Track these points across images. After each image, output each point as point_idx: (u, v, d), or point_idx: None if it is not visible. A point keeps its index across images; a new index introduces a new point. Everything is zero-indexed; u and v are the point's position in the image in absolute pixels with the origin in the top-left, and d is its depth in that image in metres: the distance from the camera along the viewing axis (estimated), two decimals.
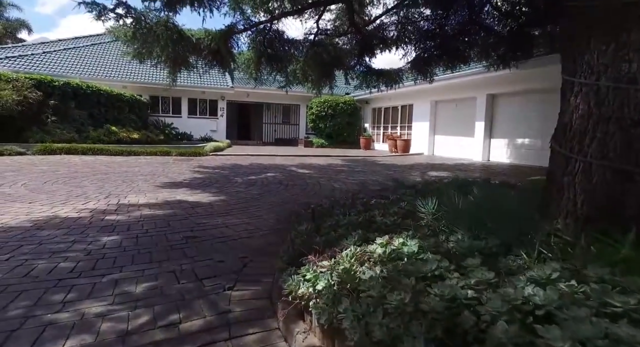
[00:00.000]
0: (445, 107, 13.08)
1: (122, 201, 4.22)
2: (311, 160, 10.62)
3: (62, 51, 16.57)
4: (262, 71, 7.95)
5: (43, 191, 4.63)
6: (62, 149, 9.52)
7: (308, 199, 4.67)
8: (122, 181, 5.77)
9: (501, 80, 9.79)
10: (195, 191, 5.03)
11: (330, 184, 6.03)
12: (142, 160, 9.07)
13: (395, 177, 7.09)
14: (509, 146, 10.38)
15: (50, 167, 6.94)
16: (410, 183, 4.23)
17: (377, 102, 17.01)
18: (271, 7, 6.92)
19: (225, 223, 3.35)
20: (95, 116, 12.38)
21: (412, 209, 2.28)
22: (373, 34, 7.96)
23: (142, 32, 6.09)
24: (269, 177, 6.83)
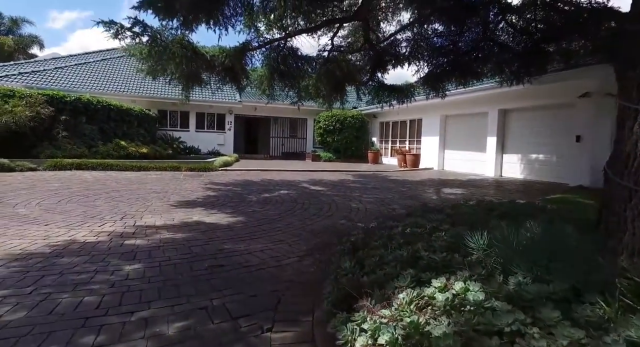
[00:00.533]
0: (455, 122, 13.01)
1: (139, 223, 4.12)
2: (321, 176, 10.52)
3: (73, 67, 16.78)
4: (275, 87, 7.94)
5: (58, 211, 4.54)
6: (72, 165, 9.49)
7: (327, 220, 4.55)
8: (135, 199, 5.69)
9: (513, 95, 9.72)
10: (211, 211, 4.93)
11: (346, 203, 5.91)
12: (153, 176, 9.01)
13: (409, 195, 6.98)
14: (521, 162, 10.25)
15: (62, 184, 6.88)
16: (438, 206, 4.11)
17: (385, 116, 16.99)
18: (285, 24, 6.95)
19: (249, 249, 3.23)
20: (105, 131, 12.41)
21: (454, 241, 2.16)
22: (385, 50, 7.96)
23: (157, 50, 6.10)
24: (283, 194, 6.72)
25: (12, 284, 2.30)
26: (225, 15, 6.06)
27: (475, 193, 7.51)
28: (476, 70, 8.21)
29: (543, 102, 9.26)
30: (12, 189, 6.11)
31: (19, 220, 4.01)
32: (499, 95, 10.07)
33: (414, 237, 2.33)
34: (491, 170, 11.02)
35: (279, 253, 3.15)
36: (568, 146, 8.65)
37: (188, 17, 5.51)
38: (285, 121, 19.70)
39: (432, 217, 3.19)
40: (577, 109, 8.33)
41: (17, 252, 2.92)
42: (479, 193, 7.53)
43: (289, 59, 7.39)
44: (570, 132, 8.53)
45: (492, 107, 10.78)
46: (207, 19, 5.79)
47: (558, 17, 6.28)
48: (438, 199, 6.67)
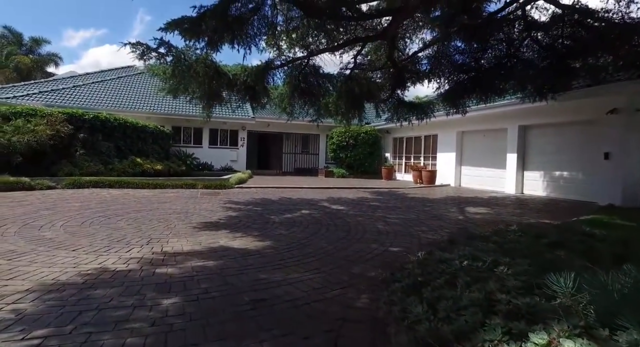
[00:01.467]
0: (472, 138, 12.84)
1: (166, 248, 3.99)
2: (339, 194, 10.37)
3: (91, 85, 17.09)
4: (295, 105, 7.91)
5: (83, 234, 4.44)
6: (90, 183, 9.49)
7: (359, 244, 4.37)
8: (157, 220, 5.59)
9: (534, 111, 9.56)
10: (237, 234, 4.79)
11: (373, 225, 5.73)
12: (170, 194, 8.95)
13: (434, 214, 6.76)
14: (544, 179, 10.00)
15: (82, 204, 6.82)
16: (481, 232, 3.91)
17: (399, 132, 16.90)
18: (307, 43, 6.94)
19: (287, 280, 3.06)
20: (121, 148, 12.47)
21: (526, 280, 1.98)
22: (406, 67, 7.91)
23: (180, 70, 6.11)
24: (305, 215, 6.57)
25: (50, 322, 2.17)
26: (248, 34, 6.07)
27: (502, 213, 7.28)
28: (498, 86, 8.11)
29: (567, 118, 9.08)
30: (35, 209, 6.06)
31: (46, 245, 3.91)
32: (519, 111, 9.92)
33: (478, 273, 2.15)
34: (511, 187, 10.77)
35: (319, 284, 2.98)
36: (595, 164, 8.40)
37: (213, 37, 5.51)
38: (297, 137, 19.71)
39: (480, 247, 3.01)
40: (604, 126, 8.13)
41: (50, 283, 2.80)
42: (505, 212, 7.30)
43: (310, 77, 7.39)
44: (597, 149, 8.31)
45: (512, 123, 10.61)
46: (232, 39, 5.79)
47: (587, 33, 6.18)
48: (465, 219, 6.46)
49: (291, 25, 6.56)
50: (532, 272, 2.08)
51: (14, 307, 2.38)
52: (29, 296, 2.55)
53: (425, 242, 4.60)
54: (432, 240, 4.69)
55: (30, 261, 3.34)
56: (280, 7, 6.16)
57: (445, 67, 8.23)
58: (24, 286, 2.74)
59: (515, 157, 10.57)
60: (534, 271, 2.11)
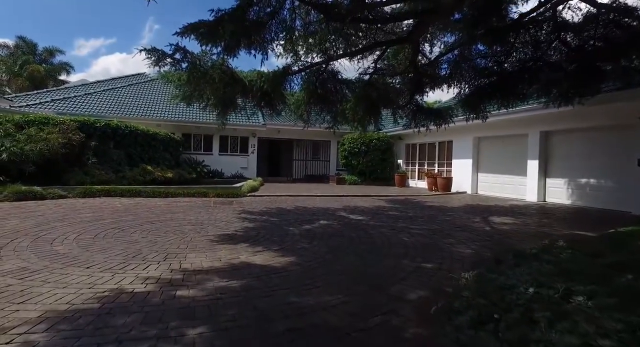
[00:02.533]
0: (489, 144, 12.49)
1: (184, 264, 3.75)
2: (355, 202, 10.08)
3: (101, 92, 17.11)
4: (311, 111, 7.69)
5: (97, 249, 4.23)
6: (101, 192, 9.33)
7: (388, 260, 4.07)
8: (172, 232, 5.36)
9: (557, 117, 9.22)
10: (257, 248, 4.53)
11: (397, 237, 5.44)
12: (182, 203, 8.74)
13: (458, 225, 6.43)
14: (568, 186, 9.61)
15: (94, 214, 6.64)
16: (529, 250, 3.60)
17: (412, 138, 16.60)
18: (325, 47, 6.73)
19: (321, 303, 2.79)
20: (132, 156, 12.37)
21: (621, 319, 1.68)
22: (425, 72, 7.65)
23: (196, 76, 5.92)
24: (324, 226, 6.30)
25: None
26: (265, 39, 5.88)
27: (529, 223, 6.94)
28: (521, 91, 7.80)
29: (594, 123, 8.72)
30: (47, 220, 5.88)
31: (59, 261, 3.69)
32: (541, 116, 9.59)
33: (556, 305, 1.86)
34: (533, 195, 10.38)
35: (357, 309, 2.70)
36: (626, 170, 8.02)
37: (231, 42, 5.31)
38: (308, 144, 19.50)
39: (536, 268, 2.71)
40: (636, 131, 7.75)
41: (64, 308, 2.56)
42: (533, 223, 6.96)
43: (327, 82, 7.16)
44: (629, 156, 7.93)
45: (533, 128, 10.26)
46: (249, 44, 5.59)
47: (622, 33, 5.87)
48: (492, 231, 6.13)
49: (309, 30, 6.36)
50: (620, 305, 1.78)
51: (26, 338, 2.14)
52: (41, 324, 2.31)
53: (458, 257, 4.30)
54: (466, 255, 4.39)
55: (43, 281, 3.12)
56: (298, 11, 5.97)
57: (465, 72, 7.97)
58: (36, 311, 2.50)
59: (537, 163, 10.20)
60: (621, 304, 1.81)
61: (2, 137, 9.09)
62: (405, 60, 6.79)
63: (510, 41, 6.86)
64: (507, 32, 6.31)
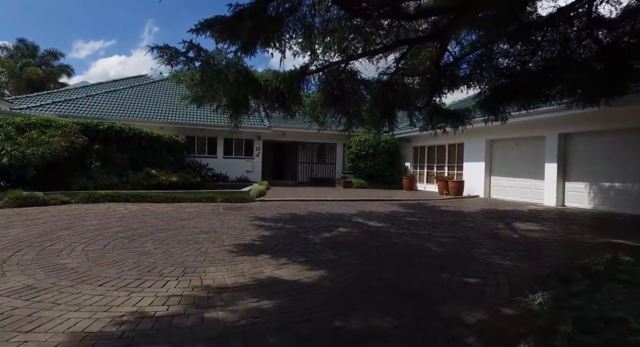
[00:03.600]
0: (503, 147, 12.19)
1: (205, 280, 3.41)
2: (368, 207, 9.75)
3: (104, 94, 16.79)
4: (327, 113, 7.38)
5: (108, 262, 3.88)
6: (105, 197, 8.98)
7: (425, 274, 3.72)
8: (185, 242, 5.02)
9: (578, 118, 8.93)
10: (280, 261, 4.19)
11: (425, 246, 5.12)
12: (190, 209, 8.40)
13: (484, 232, 6.08)
14: (590, 190, 9.29)
15: (101, 222, 6.29)
16: (593, 265, 3.27)
17: (420, 141, 16.30)
18: (344, 46, 6.43)
19: (370, 328, 2.46)
20: (136, 159, 12.02)
21: None
22: (444, 72, 7.34)
23: (209, 75, 5.60)
24: (345, 234, 5.97)
25: None
26: (284, 37, 5.56)
27: (557, 230, 6.62)
28: (544, 92, 7.50)
29: (618, 125, 8.43)
30: (51, 229, 5.53)
31: (68, 277, 3.35)
32: (560, 118, 9.30)
33: None
34: (551, 199, 10.07)
35: (415, 336, 2.37)
36: None
37: (249, 39, 5.00)
38: (313, 146, 19.18)
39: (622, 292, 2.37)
40: None
41: (80, 337, 2.22)
42: (561, 230, 6.64)
43: (345, 83, 6.85)
44: None
45: (551, 130, 9.96)
46: (267, 41, 5.27)
47: None
48: (522, 239, 5.80)
49: (327, 27, 6.05)
50: None
51: None
52: None
53: (498, 269, 3.97)
54: (506, 267, 4.06)
55: (53, 302, 2.77)
56: (318, 8, 5.65)
57: (485, 72, 7.67)
58: (48, 343, 2.16)
59: (555, 166, 9.89)
60: None
61: (3, 140, 8.75)
62: (427, 59, 6.49)
63: (536, 39, 6.56)
64: (537, 29, 6.00)
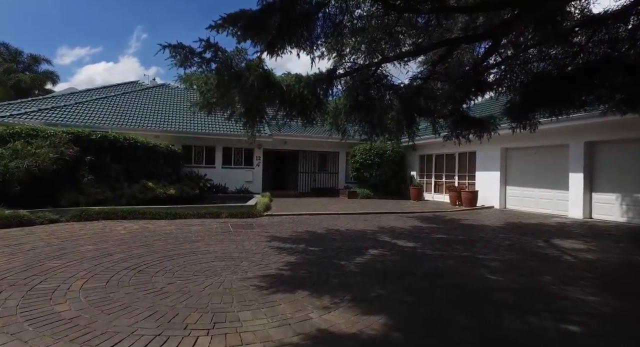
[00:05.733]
0: (520, 155, 11.69)
1: (245, 335, 2.68)
2: (385, 221, 9.08)
3: (94, 101, 15.85)
4: (351, 121, 6.74)
5: (114, 307, 3.11)
6: (100, 214, 8.12)
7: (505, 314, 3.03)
8: (201, 273, 4.27)
9: (607, 126, 8.47)
10: (323, 299, 3.47)
11: (477, 273, 4.46)
12: (195, 227, 7.60)
13: (529, 251, 5.44)
14: (622, 202, 8.80)
15: (98, 247, 5.46)
16: None
17: (427, 149, 15.77)
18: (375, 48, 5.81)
19: None
20: (131, 171, 11.14)
21: None
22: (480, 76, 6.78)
23: (227, 79, 4.90)
24: (378, 257, 5.28)
25: None
26: (314, 35, 4.91)
27: (609, 249, 6.05)
28: (579, 98, 7.00)
29: None
30: (39, 258, 4.69)
31: (66, 336, 2.56)
32: (586, 126, 8.82)
33: None
34: (577, 210, 9.56)
35: None
36: None
37: (278, 37, 4.32)
38: (314, 155, 18.49)
39: None
40: None
41: None
42: (611, 248, 6.08)
43: (372, 88, 6.21)
44: None
45: (576, 139, 9.49)
46: (297, 40, 4.61)
47: None
48: (577, 261, 5.19)
49: (357, 26, 5.43)
50: None
51: None
52: None
53: (589, 309, 3.32)
54: (598, 304, 3.42)
55: None
56: (349, 3, 5.02)
57: (517, 76, 7.15)
58: None
59: (581, 177, 9.40)
60: None
61: None
62: (467, 62, 5.90)
63: (579, 41, 6.06)
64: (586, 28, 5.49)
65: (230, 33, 4.35)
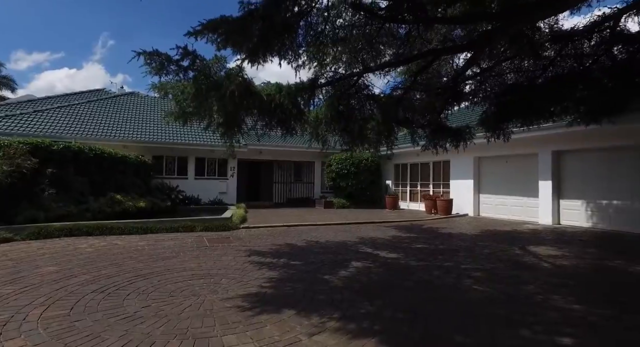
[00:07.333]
0: (492, 164, 12.05)
1: None
2: (364, 232, 9.01)
3: (55, 110, 14.97)
4: (331, 131, 6.66)
5: (80, 338, 2.78)
6: (61, 230, 7.52)
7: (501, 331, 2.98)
8: (179, 293, 3.98)
9: (573, 136, 8.88)
10: (311, 318, 3.30)
11: (463, 284, 4.43)
12: (169, 242, 7.20)
13: (506, 259, 5.51)
14: (587, 208, 9.21)
15: (60, 268, 5.01)
16: None
17: (402, 158, 15.99)
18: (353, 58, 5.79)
19: None
20: (97, 183, 10.51)
21: None
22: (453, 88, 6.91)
23: (205, 88, 4.70)
24: (363, 270, 5.16)
25: None
26: (295, 45, 4.81)
27: (582, 255, 6.26)
28: (548, 109, 7.31)
29: (616, 143, 8.42)
30: None
31: None
32: (553, 135, 9.21)
33: None
34: (547, 217, 9.91)
35: None
36: None
37: (260, 45, 4.19)
38: (290, 165, 18.29)
39: None
40: None
41: None
42: (584, 253, 6.29)
43: (352, 98, 6.18)
44: None
45: (544, 148, 9.89)
46: (279, 49, 4.49)
47: None
48: (554, 268, 5.31)
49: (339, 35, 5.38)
50: None
51: None
52: None
53: (576, 320, 3.34)
54: (582, 313, 3.45)
55: None
56: (330, 13, 4.98)
57: (492, 87, 7.38)
58: None
59: (550, 184, 9.78)
60: None
61: None
62: (447, 74, 6.00)
63: (549, 55, 6.32)
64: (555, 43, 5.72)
65: (210, 40, 4.19)
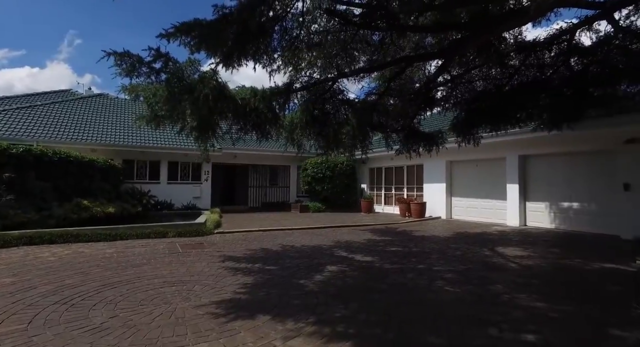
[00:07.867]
0: (463, 168, 12.44)
1: None
2: (340, 236, 9.06)
3: (15, 111, 14.18)
4: (306, 136, 6.68)
5: None
6: (20, 239, 7.12)
7: (468, 330, 3.09)
8: (149, 301, 3.86)
9: (537, 141, 9.32)
10: (286, 323, 3.29)
11: (437, 286, 4.55)
12: (139, 248, 6.96)
13: (478, 260, 5.72)
14: (550, 210, 9.67)
15: (18, 279, 4.74)
16: None
17: (376, 162, 16.23)
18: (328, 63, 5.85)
19: None
20: (61, 188, 10.03)
21: None
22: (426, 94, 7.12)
23: (178, 91, 4.62)
24: (338, 274, 5.19)
25: None
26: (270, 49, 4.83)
27: (545, 255, 6.56)
28: (514, 115, 7.65)
29: (576, 148, 8.91)
30: None
31: None
32: (520, 140, 9.64)
33: None
34: (514, 219, 10.33)
35: None
36: (612, 195, 8.18)
37: (235, 49, 4.17)
38: (265, 169, 18.16)
39: None
40: (621, 156, 7.98)
41: None
42: (547, 253, 6.59)
43: (328, 103, 6.24)
44: (613, 180, 8.12)
45: (511, 152, 10.33)
46: (254, 53, 4.49)
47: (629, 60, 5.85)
48: (521, 268, 5.54)
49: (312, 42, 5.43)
50: None
51: None
52: None
53: (541, 316, 3.51)
54: (544, 310, 3.62)
55: None
56: (307, 18, 5.02)
57: (462, 94, 7.65)
58: None
59: (517, 187, 10.21)
60: None
61: None
62: (420, 80, 6.16)
63: (515, 64, 6.63)
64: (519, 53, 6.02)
65: (183, 43, 4.12)
